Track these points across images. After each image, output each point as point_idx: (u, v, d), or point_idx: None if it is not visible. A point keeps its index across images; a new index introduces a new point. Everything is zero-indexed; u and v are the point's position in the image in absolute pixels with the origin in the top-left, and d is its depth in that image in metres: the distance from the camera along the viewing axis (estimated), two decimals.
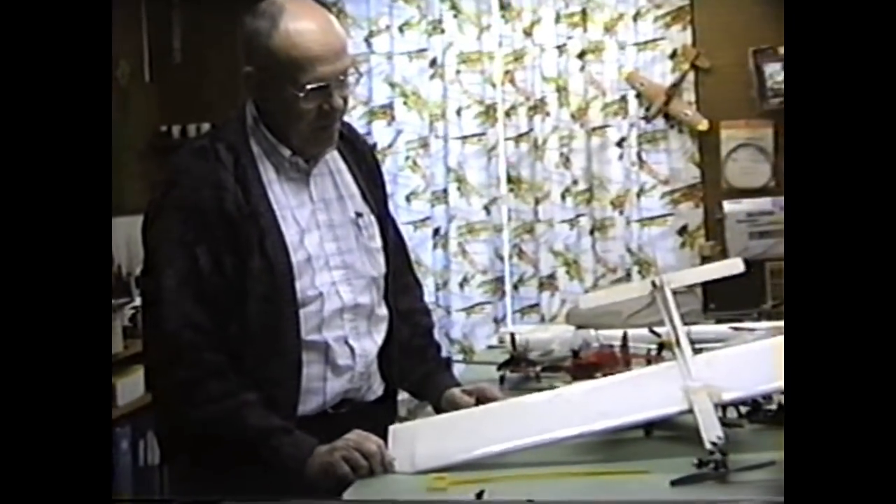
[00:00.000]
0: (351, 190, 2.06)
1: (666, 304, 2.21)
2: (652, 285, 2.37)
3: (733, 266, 2.74)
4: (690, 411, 1.76)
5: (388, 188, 2.28)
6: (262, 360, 1.90)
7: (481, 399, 2.06)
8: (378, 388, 2.07)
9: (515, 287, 4.69)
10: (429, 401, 2.17)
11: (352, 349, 1.98)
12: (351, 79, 1.96)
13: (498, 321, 4.61)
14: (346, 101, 1.96)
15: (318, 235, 1.97)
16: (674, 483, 1.58)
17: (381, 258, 2.07)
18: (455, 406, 2.06)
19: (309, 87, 1.88)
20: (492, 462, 1.75)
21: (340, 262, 1.99)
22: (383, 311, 2.07)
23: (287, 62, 1.88)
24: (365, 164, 2.13)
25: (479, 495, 1.58)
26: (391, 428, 1.88)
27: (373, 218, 2.07)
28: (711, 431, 1.66)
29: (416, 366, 2.18)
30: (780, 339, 2.18)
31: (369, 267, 2.03)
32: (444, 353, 4.37)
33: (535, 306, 4.63)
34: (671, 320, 2.14)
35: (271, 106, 1.95)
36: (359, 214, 2.04)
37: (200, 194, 1.89)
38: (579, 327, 2.68)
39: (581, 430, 1.81)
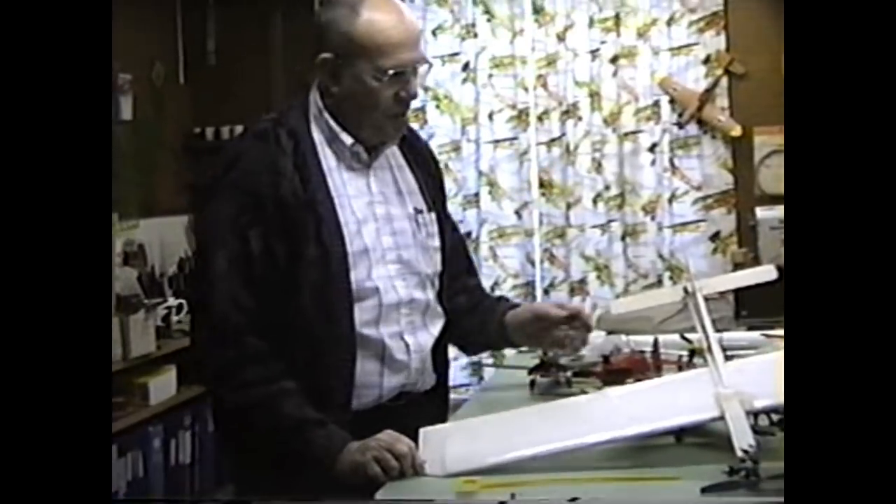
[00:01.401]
0: (411, 186, 2.07)
1: (698, 310, 2.20)
2: (684, 291, 2.36)
3: (766, 273, 2.71)
4: (722, 418, 1.74)
5: None
6: (315, 351, 1.91)
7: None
8: (431, 379, 2.08)
9: (546, 292, 4.67)
10: (497, 337, 2.17)
11: (407, 345, 1.99)
12: (423, 69, 1.99)
13: None
14: (417, 91, 1.99)
15: (375, 228, 1.98)
16: (704, 490, 1.56)
17: (437, 257, 2.07)
18: (527, 317, 2.11)
19: (390, 72, 1.92)
20: (522, 466, 1.75)
21: (396, 256, 1.99)
22: (439, 306, 2.08)
23: (370, 47, 1.91)
24: (424, 163, 2.14)
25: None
26: (422, 430, 1.87)
27: (432, 216, 2.07)
28: (743, 439, 1.64)
29: (477, 317, 2.17)
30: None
31: (424, 264, 2.04)
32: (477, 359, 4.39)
33: None
34: (703, 326, 2.13)
35: (345, 92, 1.96)
36: (418, 211, 2.05)
37: (257, 178, 1.91)
38: (610, 333, 2.66)
39: (612, 436, 1.80)
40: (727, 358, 1.99)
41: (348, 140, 1.98)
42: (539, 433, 1.85)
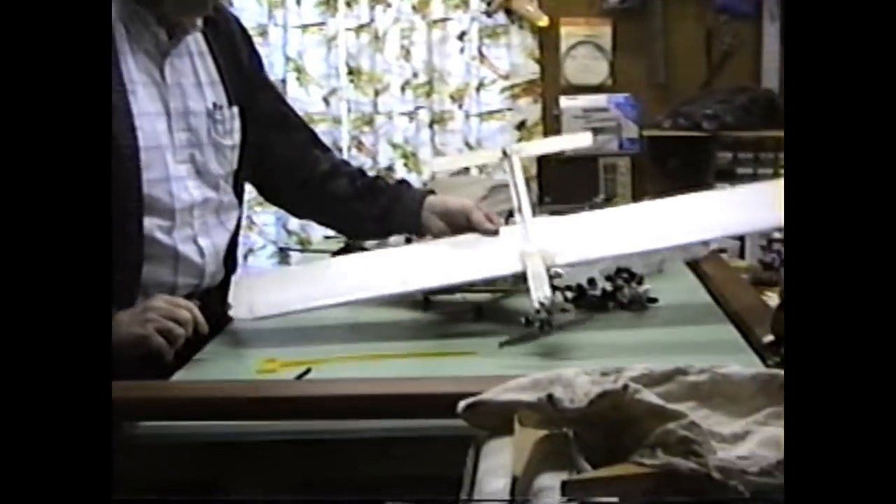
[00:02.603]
0: (212, 77, 1.92)
1: (513, 171, 2.24)
2: (502, 153, 2.40)
3: (582, 139, 2.79)
4: (524, 275, 1.79)
5: None
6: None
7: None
8: (221, 273, 2.01)
9: None
10: (404, 223, 2.09)
11: (201, 249, 1.90)
12: None
13: None
14: None
15: (167, 123, 1.83)
16: (502, 345, 1.64)
17: (232, 156, 1.96)
18: (446, 209, 2.03)
19: None
20: (321, 341, 1.78)
21: (188, 155, 1.87)
22: (233, 199, 2.00)
23: None
24: (231, 46, 1.99)
25: (304, 374, 1.58)
26: (234, 277, 1.88)
27: (233, 111, 1.94)
28: (540, 291, 1.70)
29: (373, 203, 2.10)
30: (614, 209, 2.28)
31: (215, 164, 1.92)
32: (284, 244, 4.34)
33: None
34: (516, 186, 2.17)
35: None
36: (217, 106, 1.91)
37: None
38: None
39: (420, 286, 1.88)
40: None
41: (150, 19, 1.81)
42: (349, 283, 1.89)
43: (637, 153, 4.47)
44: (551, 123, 4.55)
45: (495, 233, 1.98)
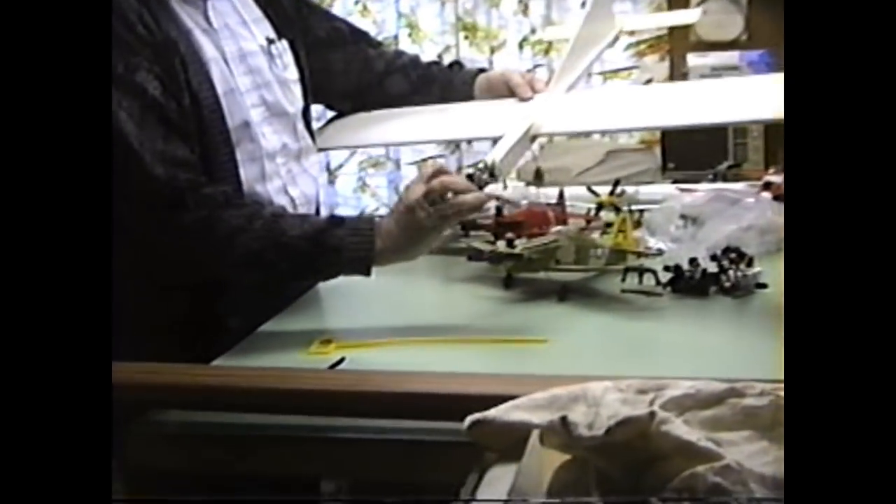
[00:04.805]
0: (254, 13, 1.82)
1: (596, 39, 2.49)
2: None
3: (690, 15, 2.86)
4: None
5: None
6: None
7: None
8: None
9: (468, 141, 4.51)
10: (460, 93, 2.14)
11: (292, 199, 1.81)
12: None
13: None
14: None
15: (229, 68, 1.72)
16: None
17: (298, 90, 1.87)
18: (490, 84, 2.11)
19: None
20: (392, 317, 1.72)
21: (259, 98, 1.76)
22: (310, 142, 1.89)
23: None
24: None
25: (337, 364, 1.48)
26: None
27: (284, 44, 1.84)
28: (496, 152, 1.80)
29: (428, 92, 2.13)
30: (616, 86, 2.44)
31: (286, 102, 1.81)
32: None
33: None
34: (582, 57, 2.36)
35: None
36: (270, 41, 1.81)
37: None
38: (527, 184, 2.58)
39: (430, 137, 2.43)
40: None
41: None
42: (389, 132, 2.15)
43: None
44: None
45: (528, 98, 2.05)
